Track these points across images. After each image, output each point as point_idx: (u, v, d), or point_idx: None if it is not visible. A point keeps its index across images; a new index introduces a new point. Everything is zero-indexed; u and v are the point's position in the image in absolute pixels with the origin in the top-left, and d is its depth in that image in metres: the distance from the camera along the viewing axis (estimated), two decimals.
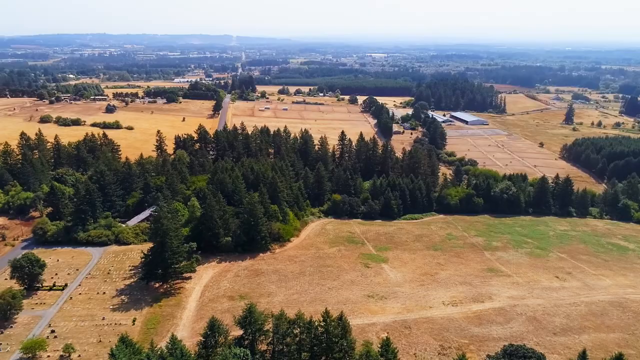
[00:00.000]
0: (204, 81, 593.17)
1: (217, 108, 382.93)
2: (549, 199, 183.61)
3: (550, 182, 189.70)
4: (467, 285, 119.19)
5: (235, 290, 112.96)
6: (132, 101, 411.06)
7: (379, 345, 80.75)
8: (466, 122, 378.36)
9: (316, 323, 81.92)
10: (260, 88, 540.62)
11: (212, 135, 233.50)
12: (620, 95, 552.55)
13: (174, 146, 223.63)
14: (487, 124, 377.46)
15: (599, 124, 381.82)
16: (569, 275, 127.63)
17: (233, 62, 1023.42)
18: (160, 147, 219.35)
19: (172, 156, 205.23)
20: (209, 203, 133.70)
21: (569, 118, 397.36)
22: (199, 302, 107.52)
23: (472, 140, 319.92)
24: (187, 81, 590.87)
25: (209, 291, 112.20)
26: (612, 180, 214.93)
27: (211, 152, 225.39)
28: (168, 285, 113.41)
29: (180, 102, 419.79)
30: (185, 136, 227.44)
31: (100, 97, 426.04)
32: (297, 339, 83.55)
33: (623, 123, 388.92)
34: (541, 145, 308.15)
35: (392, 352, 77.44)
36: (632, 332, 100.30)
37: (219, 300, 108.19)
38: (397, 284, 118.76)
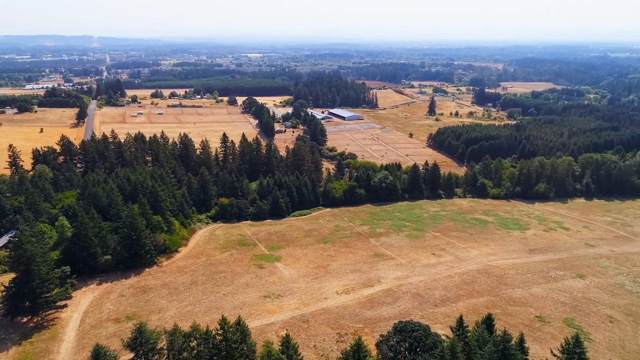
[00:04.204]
0: (63, 87, 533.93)
1: (81, 116, 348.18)
2: (421, 184, 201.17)
3: (421, 168, 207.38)
4: (357, 272, 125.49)
5: (120, 311, 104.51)
6: None
7: (280, 344, 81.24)
8: (343, 118, 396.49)
9: (213, 332, 79.53)
10: (130, 92, 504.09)
11: (78, 146, 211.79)
12: (471, 87, 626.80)
13: (32, 161, 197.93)
14: (363, 119, 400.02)
15: (456, 114, 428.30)
16: (443, 251, 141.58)
17: (96, 65, 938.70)
18: (15, 163, 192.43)
19: (31, 173, 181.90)
20: (81, 221, 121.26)
21: (431, 110, 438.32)
22: (79, 330, 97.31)
23: (350, 134, 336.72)
24: (43, 87, 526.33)
25: (90, 317, 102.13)
26: (470, 163, 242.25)
27: (79, 165, 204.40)
28: (39, 318, 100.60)
29: (36, 112, 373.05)
30: (46, 149, 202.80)
31: None
32: (195, 351, 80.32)
33: (475, 112, 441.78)
34: (411, 135, 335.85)
35: (292, 348, 78.45)
36: (497, 294, 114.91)
37: (102, 325, 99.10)
38: (292, 280, 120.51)
